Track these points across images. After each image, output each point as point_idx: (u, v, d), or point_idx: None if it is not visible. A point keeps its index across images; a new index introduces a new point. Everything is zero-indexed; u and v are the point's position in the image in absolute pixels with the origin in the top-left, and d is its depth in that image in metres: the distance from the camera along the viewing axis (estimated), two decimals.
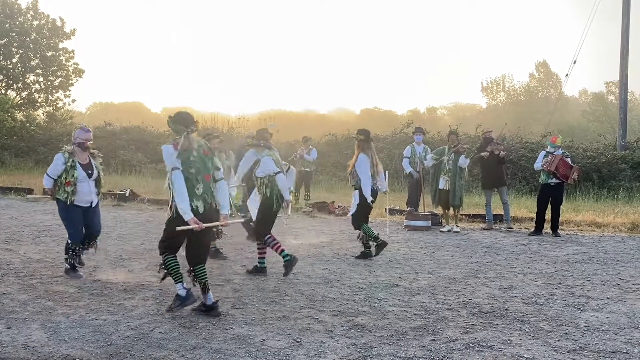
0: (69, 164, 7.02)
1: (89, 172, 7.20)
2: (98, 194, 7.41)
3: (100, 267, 7.77)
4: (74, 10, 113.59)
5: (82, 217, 7.19)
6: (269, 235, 7.42)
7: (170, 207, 5.58)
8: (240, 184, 8.55)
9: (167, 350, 4.66)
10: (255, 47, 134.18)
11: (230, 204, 6.24)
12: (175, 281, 5.68)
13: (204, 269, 5.68)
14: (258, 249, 7.60)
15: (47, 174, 7.09)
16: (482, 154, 12.40)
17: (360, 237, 8.78)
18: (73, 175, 6.98)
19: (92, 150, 7.44)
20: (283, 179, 7.41)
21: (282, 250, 7.33)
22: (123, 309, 5.77)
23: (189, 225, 5.36)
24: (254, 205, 7.75)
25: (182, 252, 5.75)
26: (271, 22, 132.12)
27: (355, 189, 8.81)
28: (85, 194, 7.13)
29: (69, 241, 7.14)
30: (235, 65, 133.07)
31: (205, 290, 5.64)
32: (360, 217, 8.79)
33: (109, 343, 4.79)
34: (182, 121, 5.57)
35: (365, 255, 8.71)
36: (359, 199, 8.72)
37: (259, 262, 7.57)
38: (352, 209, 8.91)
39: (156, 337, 4.96)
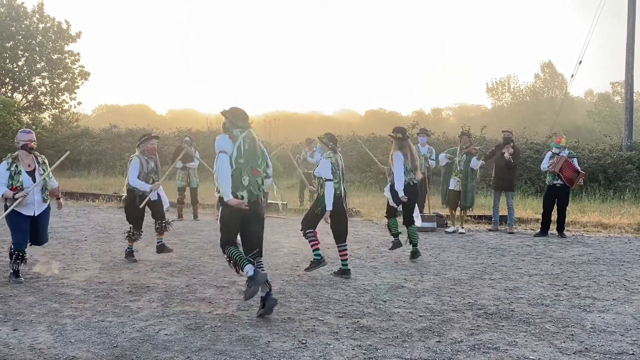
0: (12, 170, 6.87)
1: (34, 178, 6.98)
2: (45, 201, 7.16)
3: (105, 268, 7.79)
4: (80, 13, 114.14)
5: (27, 225, 7.01)
6: (311, 230, 7.68)
7: (220, 199, 5.63)
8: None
9: (173, 352, 4.67)
10: (260, 49, 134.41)
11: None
12: (242, 266, 5.60)
13: (260, 260, 5.78)
14: (339, 250, 7.73)
15: None
16: (504, 152, 12.20)
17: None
18: (19, 181, 6.85)
19: (37, 154, 7.19)
20: (331, 188, 7.44)
21: (317, 249, 7.65)
22: (129, 311, 5.79)
23: (233, 216, 5.54)
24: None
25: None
26: (276, 24, 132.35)
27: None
28: (29, 202, 6.93)
29: (12, 247, 6.98)
30: (240, 67, 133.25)
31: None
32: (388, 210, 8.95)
33: (115, 345, 4.81)
34: (241, 116, 5.80)
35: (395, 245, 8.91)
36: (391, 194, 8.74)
37: (342, 265, 7.70)
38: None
39: (162, 338, 4.98)
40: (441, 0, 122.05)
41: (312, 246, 7.68)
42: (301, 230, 7.81)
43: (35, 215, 7.04)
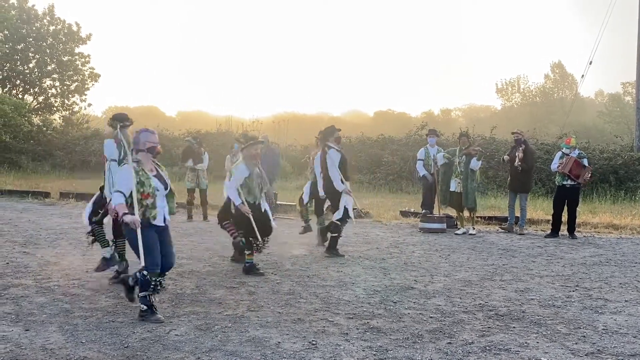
0: (141, 175, 5.60)
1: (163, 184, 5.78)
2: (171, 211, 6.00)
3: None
4: (90, 15, 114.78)
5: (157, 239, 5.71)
6: (228, 222, 8.39)
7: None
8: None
9: (183, 352, 4.68)
10: (269, 50, 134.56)
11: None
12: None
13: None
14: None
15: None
16: (504, 157, 12.14)
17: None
18: (150, 187, 5.60)
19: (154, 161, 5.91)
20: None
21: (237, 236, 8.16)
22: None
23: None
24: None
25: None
26: (284, 26, 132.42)
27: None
28: (158, 207, 5.69)
29: (139, 274, 5.58)
30: (249, 69, 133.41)
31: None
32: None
33: (126, 345, 4.82)
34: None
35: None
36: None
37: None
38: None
39: (172, 339, 4.99)
40: (451, 0, 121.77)
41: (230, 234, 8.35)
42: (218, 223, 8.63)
43: (166, 223, 5.75)
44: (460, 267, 8.34)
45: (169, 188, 5.76)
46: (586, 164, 11.61)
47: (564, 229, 11.71)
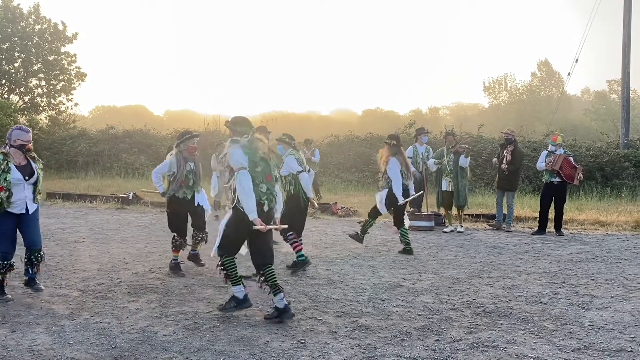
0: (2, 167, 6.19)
1: (26, 174, 6.33)
2: (36, 201, 6.49)
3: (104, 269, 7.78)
4: (76, 14, 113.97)
5: (14, 227, 6.39)
6: (291, 232, 7.69)
7: (234, 208, 5.44)
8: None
9: (172, 352, 4.66)
10: (257, 49, 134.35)
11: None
12: (233, 284, 5.62)
13: (272, 269, 5.52)
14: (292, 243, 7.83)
15: None
16: (502, 162, 12.16)
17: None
18: (5, 180, 6.13)
19: (34, 156, 6.52)
20: (306, 177, 7.87)
21: (299, 250, 7.73)
22: (127, 312, 5.78)
23: (255, 225, 5.30)
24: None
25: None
26: (273, 25, 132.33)
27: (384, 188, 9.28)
28: (19, 199, 6.26)
29: None
30: (237, 68, 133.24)
31: (276, 291, 5.46)
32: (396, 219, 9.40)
33: (114, 346, 4.80)
34: (244, 123, 5.66)
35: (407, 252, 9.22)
36: (386, 200, 9.18)
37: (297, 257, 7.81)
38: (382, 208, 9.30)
39: (160, 339, 4.97)
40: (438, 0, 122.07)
41: (294, 248, 7.80)
42: (281, 234, 7.71)
43: (28, 212, 6.34)
44: (448, 265, 8.37)
45: (35, 180, 6.36)
46: (573, 162, 11.68)
47: (550, 226, 11.79)
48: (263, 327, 5.31)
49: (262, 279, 5.54)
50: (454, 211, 12.12)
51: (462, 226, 12.01)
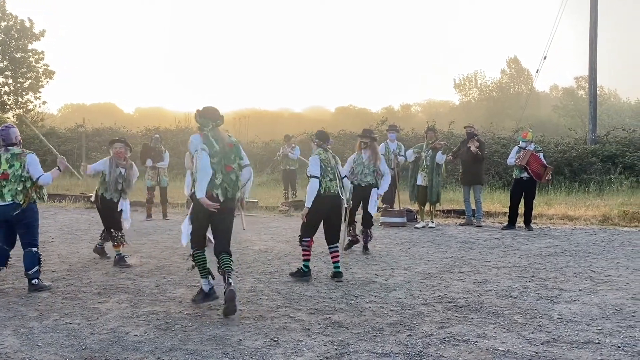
0: None
1: None
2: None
3: (72, 269, 7.67)
4: (43, 10, 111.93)
5: None
6: (307, 239, 7.22)
7: (191, 196, 5.83)
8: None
9: (143, 352, 4.62)
10: (229, 46, 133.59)
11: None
12: (201, 276, 5.99)
13: (227, 257, 5.73)
14: (330, 252, 7.38)
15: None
16: (469, 146, 12.33)
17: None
18: None
19: None
20: (314, 184, 7.08)
21: (307, 260, 7.24)
22: (97, 313, 5.71)
23: (203, 215, 5.68)
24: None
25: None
26: (244, 21, 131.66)
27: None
28: None
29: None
30: (209, 64, 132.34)
31: (225, 277, 5.64)
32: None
33: (84, 347, 4.74)
34: (209, 115, 5.82)
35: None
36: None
37: (334, 267, 7.33)
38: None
39: (131, 340, 4.92)
40: None
41: (302, 255, 7.28)
42: (299, 235, 7.37)
43: None
44: (420, 260, 8.44)
45: None
46: (542, 158, 11.88)
47: (520, 221, 11.96)
48: (236, 326, 5.29)
49: (217, 264, 5.79)
50: (426, 207, 12.22)
51: (432, 222, 12.12)
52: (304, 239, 7.19)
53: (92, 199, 8.58)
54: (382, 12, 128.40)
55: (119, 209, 8.29)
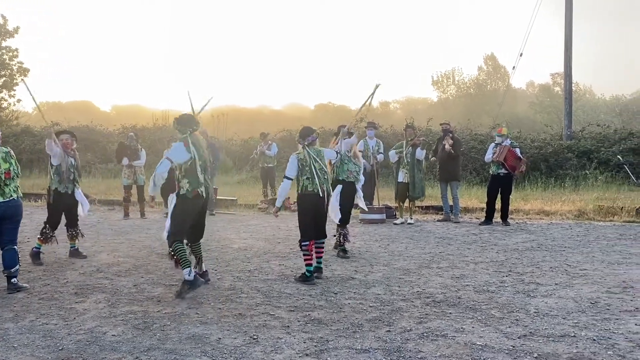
0: None
1: None
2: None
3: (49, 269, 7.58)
4: (17, 7, 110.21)
5: None
6: (307, 243, 7.01)
7: (177, 194, 6.30)
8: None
9: (121, 352, 4.58)
10: (207, 42, 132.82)
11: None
12: (183, 267, 6.18)
13: (199, 245, 6.74)
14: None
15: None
16: (444, 144, 12.43)
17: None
18: None
19: None
20: (285, 184, 7.00)
21: (309, 265, 6.96)
22: (74, 313, 5.65)
23: (190, 210, 6.31)
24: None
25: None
26: (223, 17, 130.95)
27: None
28: None
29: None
30: (187, 61, 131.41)
31: (199, 262, 6.73)
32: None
33: (61, 348, 4.69)
34: (187, 122, 6.44)
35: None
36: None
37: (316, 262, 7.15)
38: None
39: (109, 339, 4.88)
40: None
41: (304, 261, 7.01)
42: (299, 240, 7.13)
43: None
44: (399, 256, 8.48)
45: None
46: (519, 153, 12.00)
47: (497, 217, 12.08)
48: (215, 325, 5.27)
49: (190, 251, 6.66)
50: (406, 203, 12.29)
51: (411, 218, 12.19)
52: (303, 243, 7.01)
53: (46, 197, 8.57)
54: (359, 10, 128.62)
55: (77, 199, 8.36)
